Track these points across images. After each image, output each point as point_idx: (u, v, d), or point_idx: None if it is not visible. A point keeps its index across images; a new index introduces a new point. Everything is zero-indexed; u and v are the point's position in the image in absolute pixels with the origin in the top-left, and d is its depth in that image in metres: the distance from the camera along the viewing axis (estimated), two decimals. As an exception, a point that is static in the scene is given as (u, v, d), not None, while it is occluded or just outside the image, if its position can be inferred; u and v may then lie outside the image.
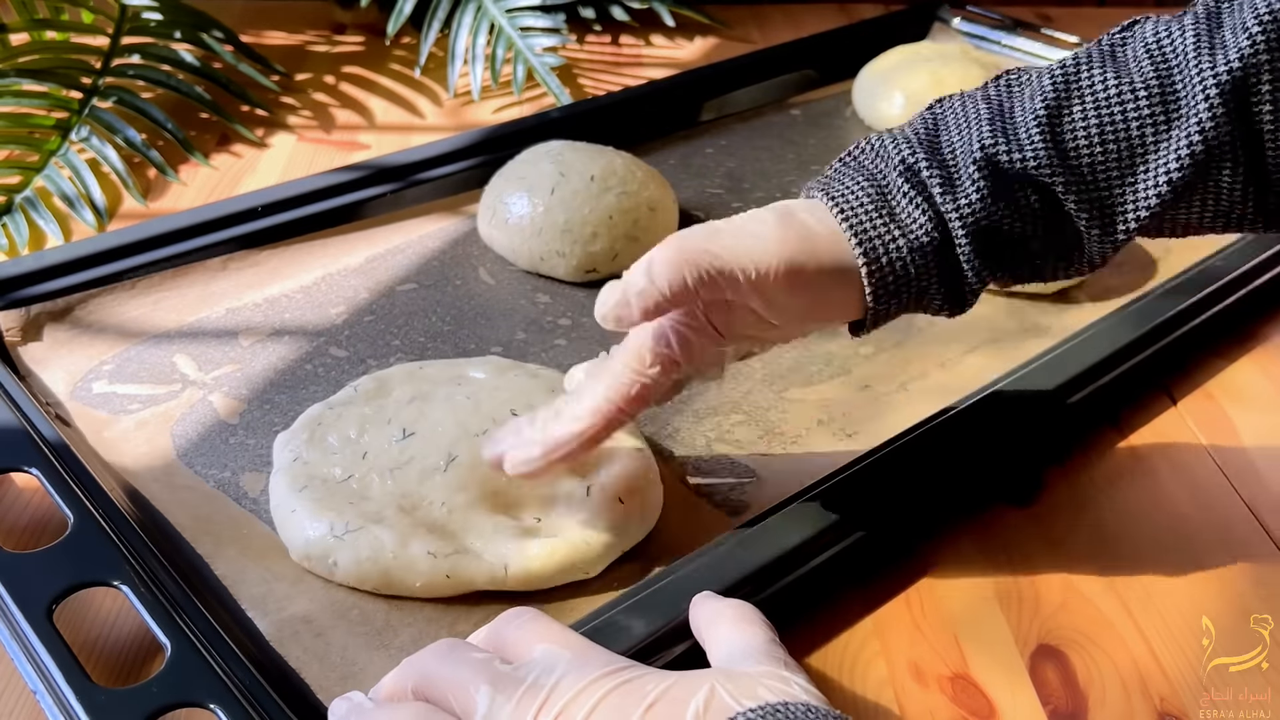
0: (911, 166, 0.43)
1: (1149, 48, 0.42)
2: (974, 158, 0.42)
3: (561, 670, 0.35)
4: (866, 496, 0.49)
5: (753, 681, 0.35)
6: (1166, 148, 0.41)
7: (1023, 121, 0.42)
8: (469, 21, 0.95)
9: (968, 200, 0.42)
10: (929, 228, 0.43)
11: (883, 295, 0.43)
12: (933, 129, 0.44)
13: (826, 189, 0.44)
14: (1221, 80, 0.40)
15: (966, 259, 0.43)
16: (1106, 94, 0.42)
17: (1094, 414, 0.58)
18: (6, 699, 0.43)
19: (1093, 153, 0.42)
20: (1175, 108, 0.41)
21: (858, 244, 0.42)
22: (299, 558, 0.47)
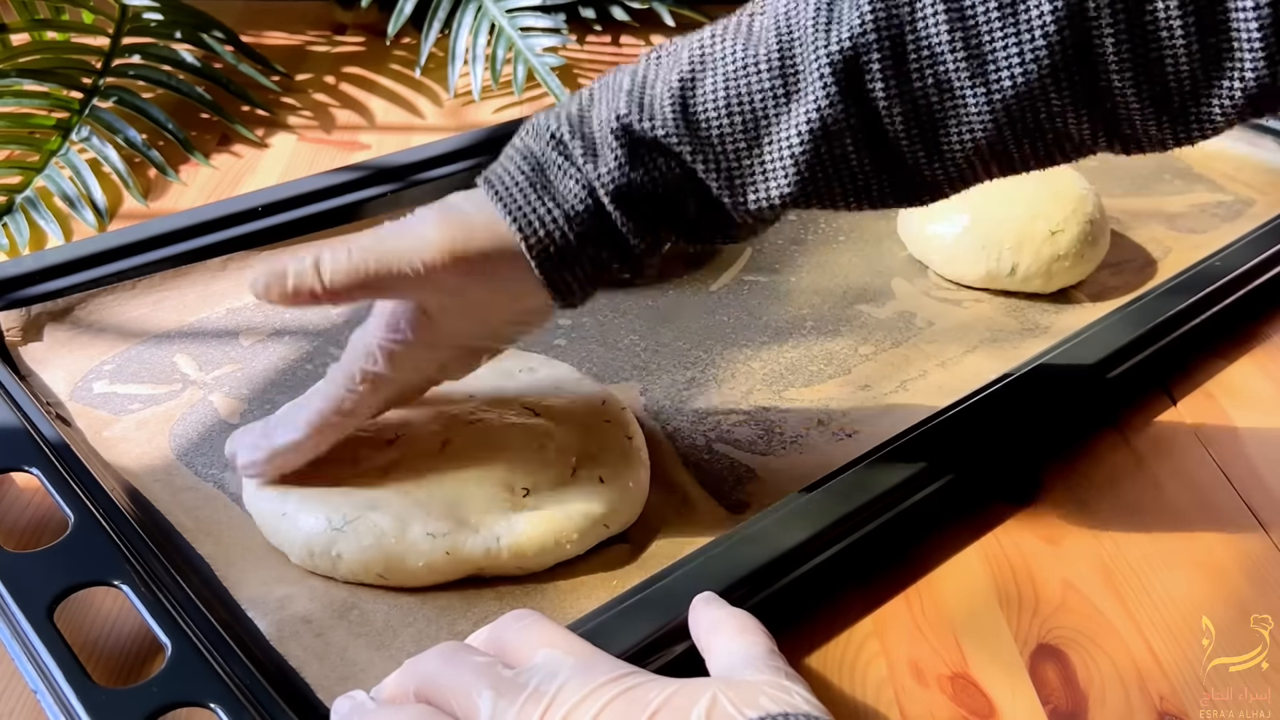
0: (561, 140, 0.45)
1: (777, 21, 0.43)
2: (612, 127, 0.44)
3: (564, 676, 0.35)
4: (866, 496, 0.49)
5: (754, 690, 0.35)
6: (787, 121, 0.42)
7: (660, 92, 0.43)
8: (469, 22, 0.95)
9: (607, 167, 0.44)
10: (581, 195, 0.44)
11: (549, 264, 0.45)
12: (585, 105, 0.45)
13: (486, 175, 0.46)
14: (834, 56, 0.41)
15: (620, 221, 0.44)
16: (733, 67, 0.43)
17: (1094, 414, 0.58)
18: (7, 699, 0.43)
19: (720, 123, 0.43)
20: (795, 83, 0.42)
21: (510, 219, 0.44)
22: (300, 558, 0.47)
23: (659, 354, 0.62)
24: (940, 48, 0.41)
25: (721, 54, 0.43)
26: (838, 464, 0.51)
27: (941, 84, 0.41)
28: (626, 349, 0.62)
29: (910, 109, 0.42)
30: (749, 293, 0.67)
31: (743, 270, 0.69)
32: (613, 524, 0.49)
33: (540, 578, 0.48)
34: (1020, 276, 0.66)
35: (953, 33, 0.40)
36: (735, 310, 0.66)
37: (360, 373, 0.47)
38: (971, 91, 0.41)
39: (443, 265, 0.44)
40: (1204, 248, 0.69)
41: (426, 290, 0.45)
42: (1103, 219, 0.68)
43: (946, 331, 0.64)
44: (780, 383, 0.60)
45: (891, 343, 0.63)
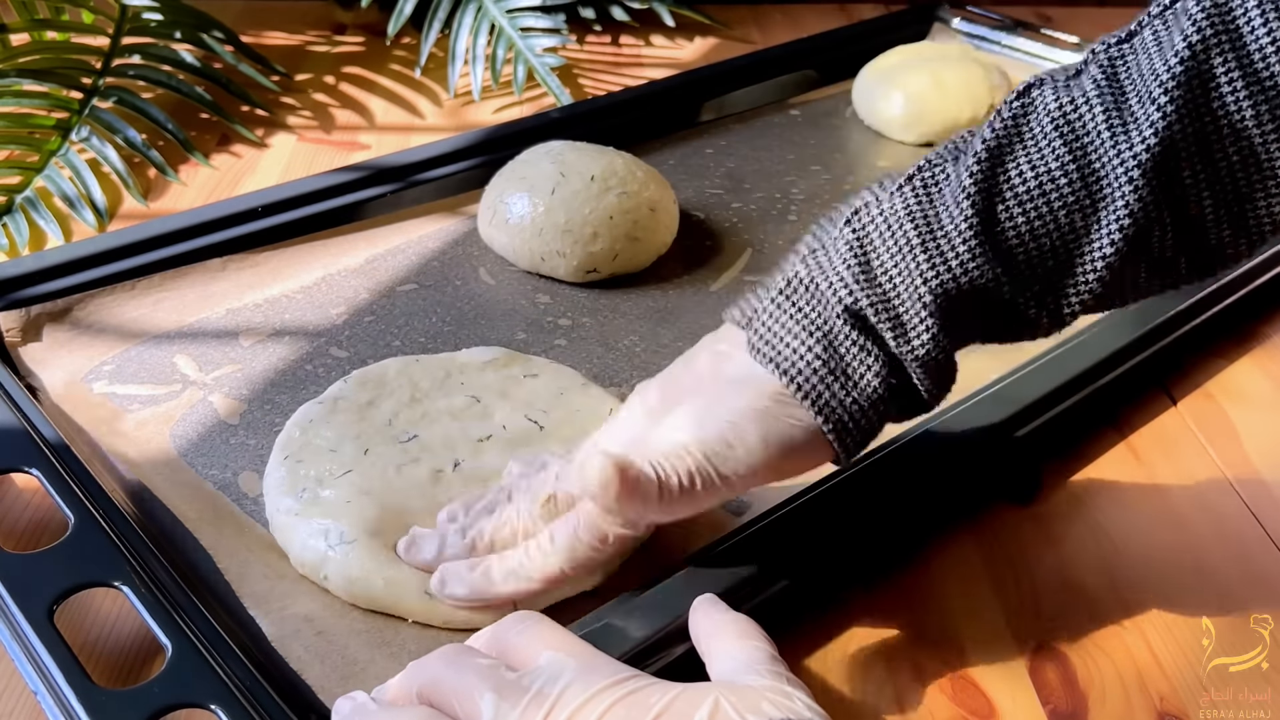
0: (855, 312, 0.42)
1: (1058, 126, 0.40)
2: (920, 297, 0.41)
3: (567, 679, 0.35)
4: (866, 496, 0.49)
5: (757, 696, 0.35)
6: (1098, 230, 0.40)
7: (957, 235, 0.41)
8: (469, 22, 0.95)
9: (921, 343, 0.41)
10: (884, 376, 0.42)
11: (851, 447, 0.43)
12: (863, 257, 0.42)
13: (771, 355, 0.42)
14: (1141, 158, 0.39)
15: (923, 387, 0.42)
16: (1027, 187, 0.40)
17: (1094, 414, 0.58)
18: (7, 699, 0.43)
19: (1027, 249, 0.41)
20: (1099, 190, 0.40)
21: (823, 418, 0.42)
22: (296, 564, 0.47)
23: (659, 354, 0.62)
24: (1245, 123, 0.39)
25: (1008, 177, 0.41)
26: (838, 464, 0.51)
27: (1247, 159, 0.40)
28: (626, 349, 0.62)
29: (1217, 189, 0.40)
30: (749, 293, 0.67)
31: (743, 271, 0.69)
32: (627, 555, 0.48)
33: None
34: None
35: (1256, 106, 0.39)
36: (735, 310, 0.65)
37: (615, 535, 0.43)
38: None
39: (761, 473, 0.42)
40: (1204, 248, 0.69)
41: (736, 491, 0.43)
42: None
43: (946, 331, 0.64)
44: (780, 383, 0.59)
45: (891, 343, 0.63)
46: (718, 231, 0.73)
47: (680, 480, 0.41)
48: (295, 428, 0.52)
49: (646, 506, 0.41)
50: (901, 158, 0.83)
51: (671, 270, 0.69)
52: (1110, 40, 0.41)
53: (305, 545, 0.47)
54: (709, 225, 0.74)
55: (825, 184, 0.79)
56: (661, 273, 0.68)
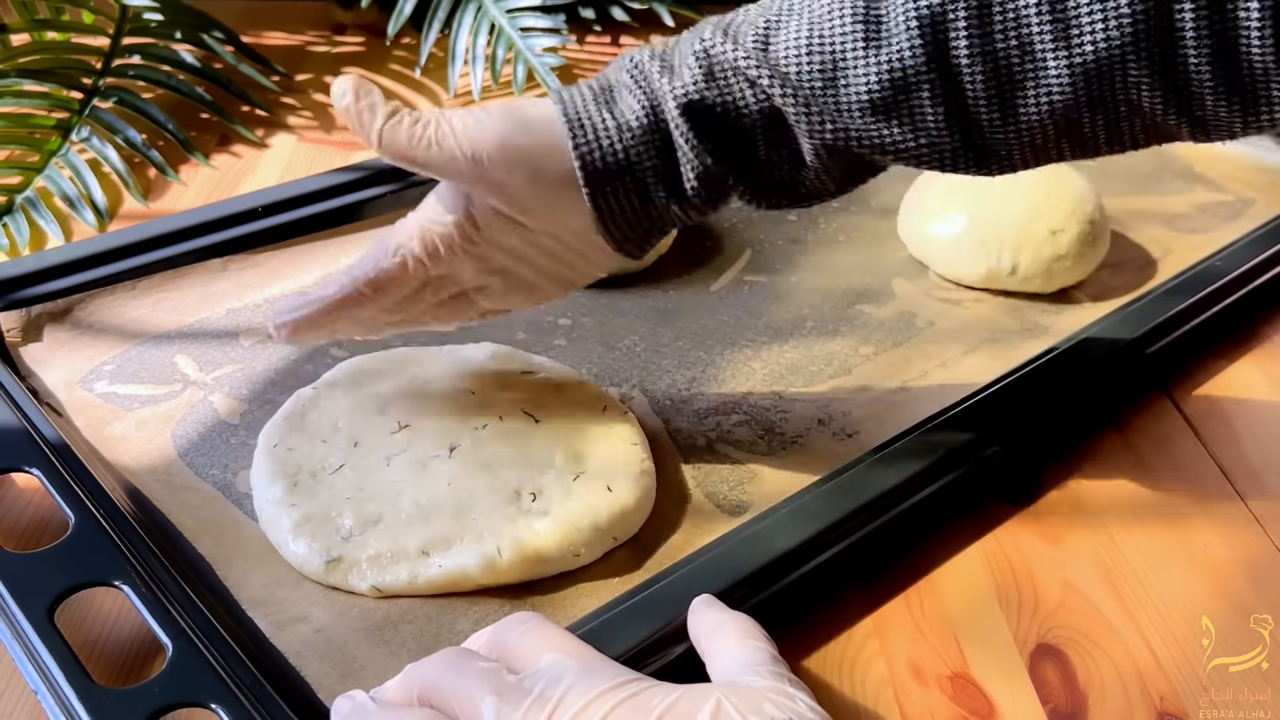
0: (638, 64, 0.45)
1: None
2: (694, 49, 0.44)
3: (568, 682, 0.35)
4: (866, 496, 0.49)
5: (758, 697, 0.35)
6: (866, 67, 0.43)
7: (745, 31, 0.44)
8: (469, 22, 0.95)
9: (681, 81, 0.44)
10: (641, 109, 0.44)
11: (594, 175, 0.44)
12: (673, 42, 0.46)
13: (558, 88, 0.46)
14: (921, 12, 0.41)
15: (682, 136, 0.44)
16: (816, 12, 0.43)
17: (1094, 414, 0.58)
18: (8, 699, 0.43)
19: (799, 61, 0.43)
20: (876, 31, 0.42)
21: (564, 119, 0.44)
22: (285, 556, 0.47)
23: (659, 354, 0.62)
24: (1026, 10, 0.41)
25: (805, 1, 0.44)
26: (838, 464, 0.51)
27: (1024, 45, 0.41)
28: (627, 349, 0.62)
29: (990, 68, 0.42)
30: (749, 293, 0.67)
31: (743, 270, 0.69)
32: (621, 535, 0.49)
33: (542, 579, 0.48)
34: (1020, 276, 0.66)
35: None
36: (735, 310, 0.66)
37: (396, 247, 0.47)
38: (1053, 54, 0.41)
39: (492, 153, 0.44)
40: (1204, 248, 0.69)
41: (473, 180, 0.45)
42: (1103, 219, 0.68)
43: (947, 331, 0.64)
44: (781, 383, 0.60)
45: (892, 343, 0.63)
46: (718, 231, 0.73)
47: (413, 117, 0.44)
48: (282, 417, 0.53)
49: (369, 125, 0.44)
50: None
51: (671, 270, 0.69)
52: None
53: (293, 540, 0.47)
54: (709, 225, 0.74)
55: (825, 184, 0.79)
56: (661, 273, 0.68)
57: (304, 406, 0.53)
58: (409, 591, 0.46)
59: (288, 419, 0.53)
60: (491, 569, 0.46)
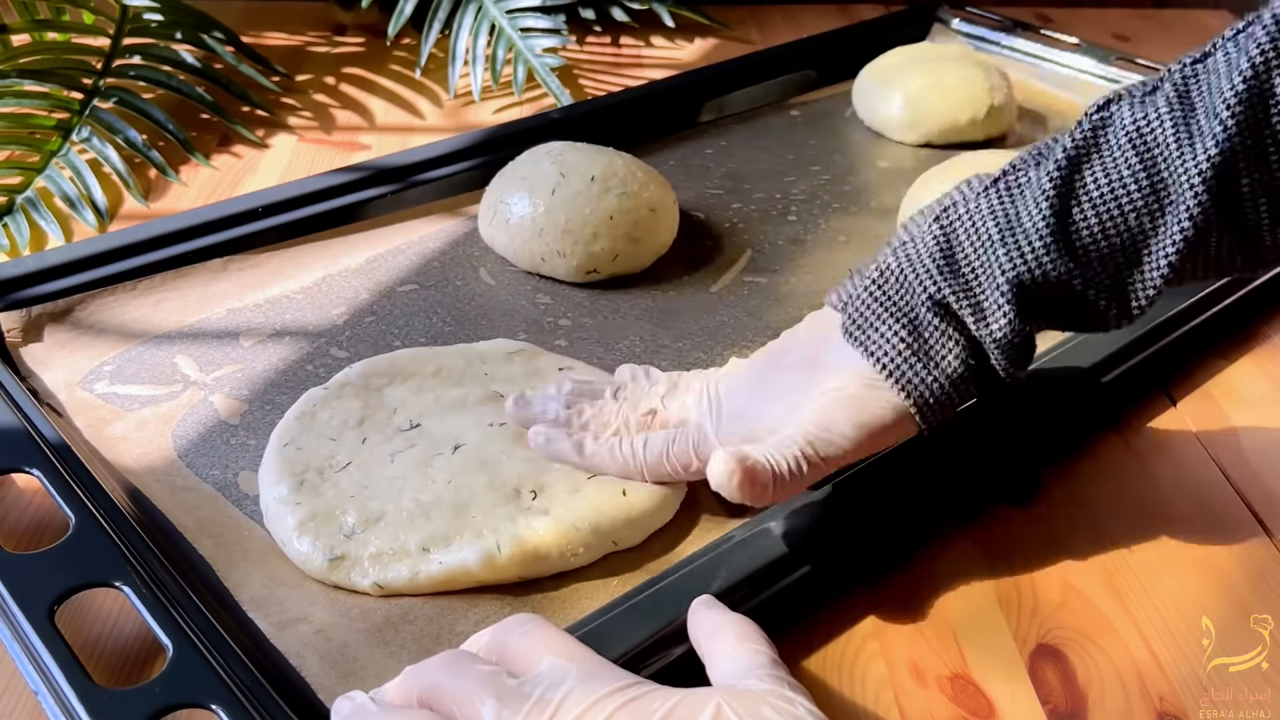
0: (939, 301, 0.46)
1: (1130, 137, 0.44)
2: (998, 284, 0.45)
3: (569, 686, 0.36)
4: (866, 496, 0.49)
5: (758, 701, 0.35)
6: (1164, 233, 0.44)
7: (1034, 232, 0.44)
8: (469, 22, 0.95)
9: (999, 326, 0.45)
10: (964, 357, 0.46)
11: (933, 422, 0.47)
12: (948, 250, 0.46)
13: (863, 340, 0.46)
14: (1204, 169, 0.42)
15: (1000, 366, 0.46)
16: (1100, 193, 0.44)
17: (1094, 414, 0.58)
18: (8, 699, 0.43)
19: (1099, 248, 0.45)
20: (1165, 195, 0.44)
21: (908, 398, 0.46)
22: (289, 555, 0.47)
23: (659, 355, 0.62)
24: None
25: (1083, 182, 0.44)
26: (838, 464, 0.51)
27: None
28: (626, 350, 0.62)
29: (1273, 196, 0.43)
30: (749, 294, 0.67)
31: (743, 271, 0.69)
32: (623, 542, 0.49)
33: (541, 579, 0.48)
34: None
35: None
36: (735, 311, 0.66)
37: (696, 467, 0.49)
38: None
39: (854, 453, 0.46)
40: (1204, 248, 0.69)
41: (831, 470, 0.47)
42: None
43: (946, 332, 0.64)
44: (780, 383, 0.60)
45: (891, 343, 0.63)
46: (718, 232, 0.73)
47: (789, 467, 0.45)
48: (293, 416, 0.53)
49: (762, 494, 0.45)
50: (901, 158, 0.83)
51: (671, 271, 0.69)
52: (1186, 60, 0.45)
53: (297, 538, 0.47)
54: (709, 226, 0.74)
55: (825, 184, 0.79)
56: (661, 273, 0.69)
57: (314, 406, 0.53)
58: (410, 589, 0.46)
59: (299, 418, 0.53)
60: (491, 564, 0.46)
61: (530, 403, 0.52)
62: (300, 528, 0.47)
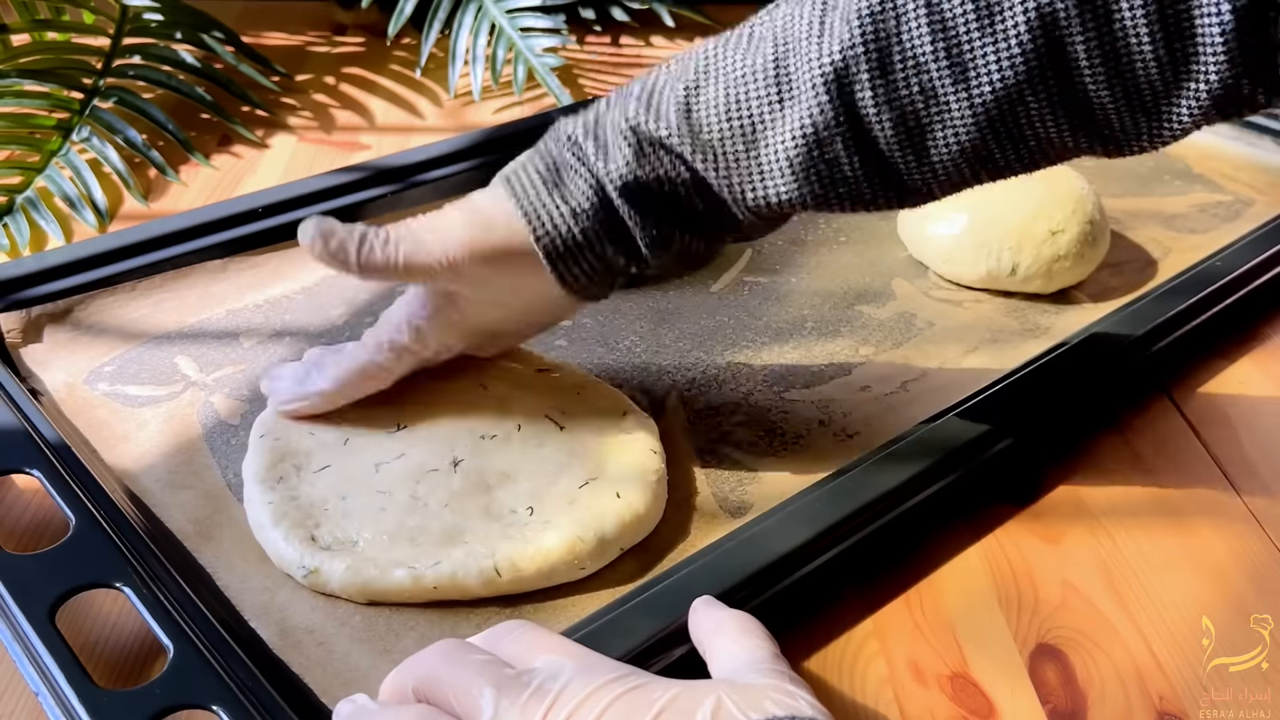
0: (576, 141, 0.48)
1: (774, 32, 0.45)
2: (621, 129, 0.47)
3: (567, 676, 0.35)
4: (866, 497, 0.49)
5: (759, 694, 0.35)
6: (781, 126, 0.45)
7: (666, 97, 0.47)
8: (469, 22, 0.95)
9: (615, 164, 0.47)
10: (589, 192, 0.47)
11: (556, 259, 0.48)
12: (602, 110, 0.49)
13: (505, 173, 0.49)
14: (825, 68, 0.43)
15: (628, 215, 0.47)
16: (733, 75, 0.46)
17: (1094, 414, 0.58)
18: (8, 700, 0.43)
19: (719, 127, 0.46)
20: (789, 90, 0.44)
21: (522, 214, 0.48)
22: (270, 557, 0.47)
23: (659, 354, 0.62)
24: (924, 56, 0.43)
25: (721, 63, 0.46)
26: (839, 465, 0.51)
27: (925, 91, 0.43)
28: (627, 350, 0.62)
29: (897, 116, 0.44)
30: (749, 294, 0.67)
31: (743, 271, 0.69)
32: (628, 543, 0.49)
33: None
34: (1020, 277, 0.66)
35: (935, 42, 0.42)
36: (736, 311, 0.66)
37: (389, 342, 0.51)
38: (954, 97, 0.43)
39: (464, 259, 0.48)
40: (1204, 248, 0.69)
41: (451, 279, 0.49)
42: (1103, 219, 0.68)
43: (947, 332, 0.64)
44: (781, 384, 0.60)
45: (892, 343, 0.63)
46: (718, 232, 0.73)
47: (383, 240, 0.48)
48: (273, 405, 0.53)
49: (343, 262, 0.48)
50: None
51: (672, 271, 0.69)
52: None
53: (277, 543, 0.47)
54: (709, 225, 0.74)
55: (825, 184, 0.79)
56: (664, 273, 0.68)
57: None
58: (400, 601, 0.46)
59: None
60: (491, 585, 0.46)
61: (277, 377, 0.54)
62: (274, 527, 0.47)
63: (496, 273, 0.49)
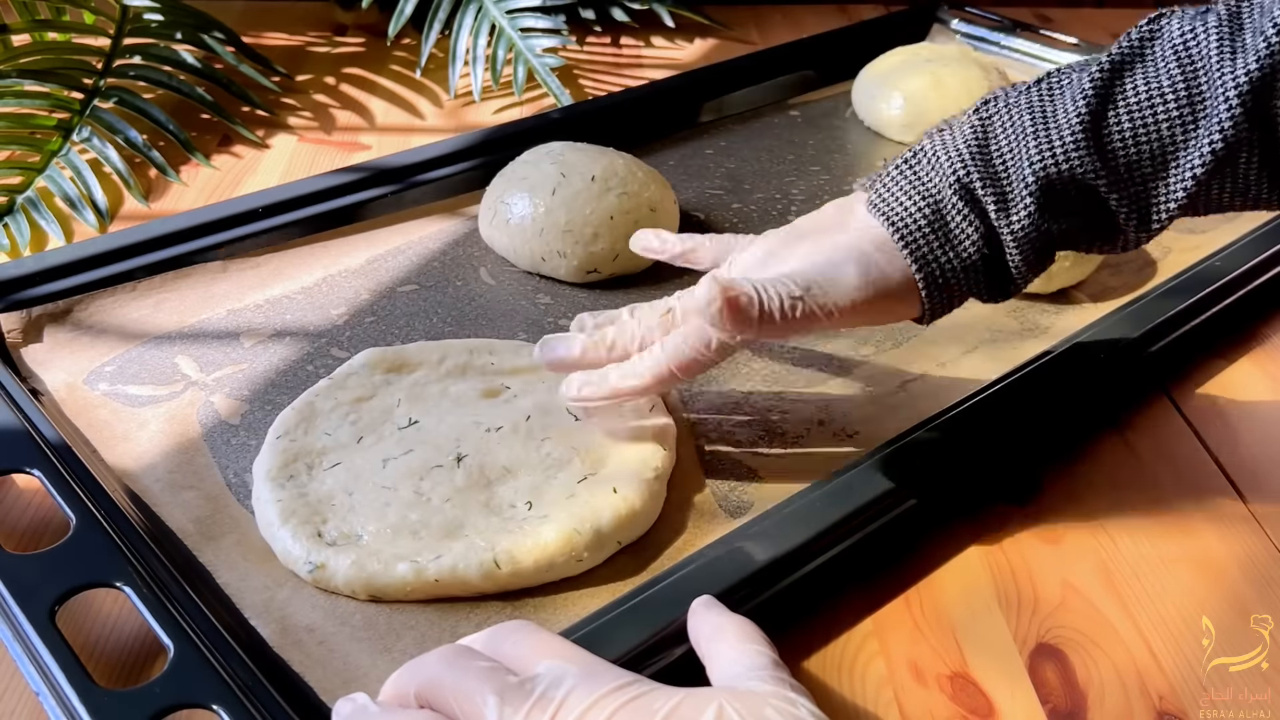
0: (966, 184, 0.46)
1: (1175, 49, 0.45)
2: (1024, 178, 0.45)
3: (570, 683, 0.35)
4: (866, 497, 0.49)
5: (760, 702, 0.35)
6: (1194, 146, 0.44)
7: (1068, 128, 0.45)
8: (470, 22, 0.95)
9: (1019, 220, 0.46)
10: (980, 245, 0.46)
11: (938, 307, 0.48)
12: (983, 138, 0.47)
13: (887, 213, 0.47)
14: (1240, 83, 0.43)
15: (1015, 267, 0.47)
16: (1138, 98, 0.45)
17: (1094, 414, 0.58)
18: (9, 700, 0.43)
19: (1128, 154, 0.45)
20: (1201, 108, 0.44)
21: (918, 269, 0.46)
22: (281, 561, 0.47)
23: (659, 355, 0.62)
24: None
25: (1123, 86, 0.45)
26: (838, 465, 0.51)
27: None
28: (627, 350, 0.62)
29: None
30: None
31: (743, 271, 0.69)
32: (625, 538, 0.49)
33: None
34: (1020, 277, 0.66)
35: None
36: (735, 311, 0.65)
37: (718, 342, 0.48)
38: None
39: (855, 311, 0.47)
40: (1204, 248, 0.69)
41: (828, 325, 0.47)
42: (1102, 219, 0.68)
43: (946, 332, 0.64)
44: (781, 383, 0.60)
45: (892, 343, 0.63)
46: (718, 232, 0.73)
47: (780, 304, 0.45)
48: (293, 408, 0.53)
49: (746, 325, 0.45)
50: (901, 158, 0.83)
51: (672, 270, 0.69)
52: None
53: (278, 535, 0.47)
54: (709, 226, 0.74)
55: (825, 184, 0.79)
56: (661, 273, 0.68)
57: (315, 397, 0.53)
58: (402, 598, 0.46)
59: (296, 410, 0.53)
60: (491, 579, 0.46)
61: (554, 345, 0.53)
62: (282, 525, 0.47)
63: (867, 314, 0.47)
